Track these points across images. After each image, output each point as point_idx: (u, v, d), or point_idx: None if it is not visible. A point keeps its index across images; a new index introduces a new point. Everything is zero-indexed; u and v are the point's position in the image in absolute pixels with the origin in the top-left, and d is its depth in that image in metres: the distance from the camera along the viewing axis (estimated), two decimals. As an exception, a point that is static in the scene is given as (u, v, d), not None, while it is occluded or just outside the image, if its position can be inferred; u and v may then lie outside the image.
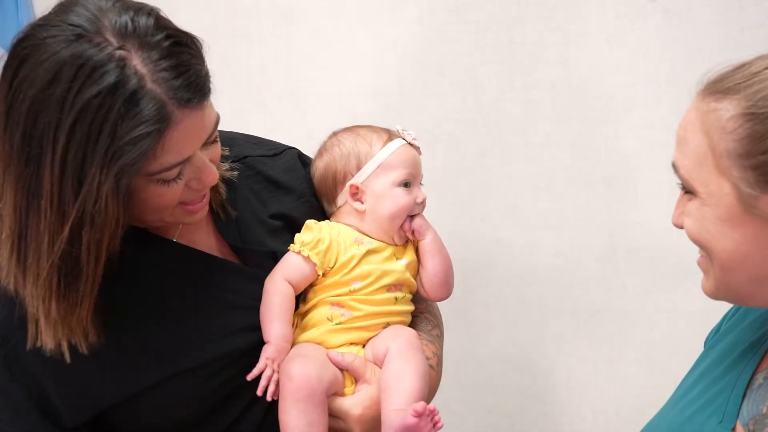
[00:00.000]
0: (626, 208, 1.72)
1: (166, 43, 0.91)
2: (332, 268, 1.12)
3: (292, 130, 1.26)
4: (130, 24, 0.90)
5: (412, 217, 1.17)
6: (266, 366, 1.05)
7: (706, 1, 1.62)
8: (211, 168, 1.00)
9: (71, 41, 0.88)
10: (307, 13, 1.85)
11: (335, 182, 1.19)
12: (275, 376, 1.04)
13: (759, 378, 0.86)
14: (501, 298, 1.83)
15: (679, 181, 0.86)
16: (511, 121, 1.75)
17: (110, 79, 0.87)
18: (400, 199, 1.15)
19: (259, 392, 1.03)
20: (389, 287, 1.15)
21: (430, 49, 1.78)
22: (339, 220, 1.19)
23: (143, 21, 0.91)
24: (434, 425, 1.01)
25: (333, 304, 1.12)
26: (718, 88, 0.80)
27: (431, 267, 1.19)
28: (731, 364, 0.91)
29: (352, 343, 1.12)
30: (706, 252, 0.83)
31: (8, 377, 1.00)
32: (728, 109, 0.78)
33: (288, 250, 1.13)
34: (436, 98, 1.78)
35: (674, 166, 0.85)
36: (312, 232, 1.13)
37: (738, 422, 0.85)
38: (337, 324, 1.11)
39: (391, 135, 1.19)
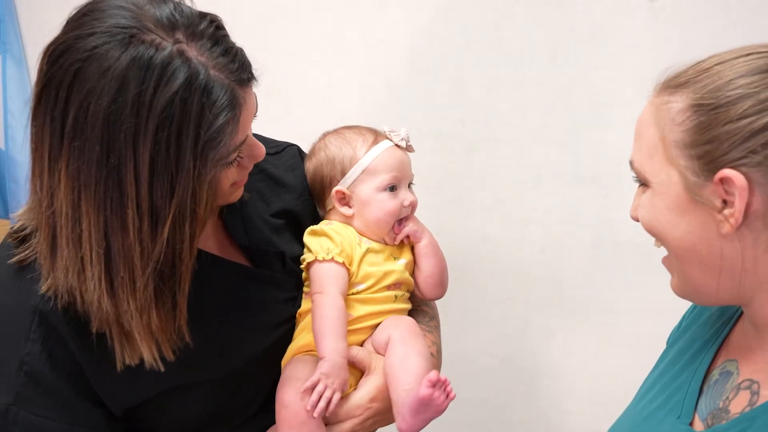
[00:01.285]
0: (612, 204, 1.73)
1: (211, 29, 0.91)
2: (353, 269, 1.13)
3: (279, 129, 1.26)
4: (172, 16, 0.89)
5: (401, 220, 1.17)
6: (319, 381, 1.02)
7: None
8: (259, 143, 1.01)
9: (126, 45, 0.86)
10: (296, 12, 1.85)
11: (323, 186, 1.19)
12: (327, 393, 1.02)
13: (715, 374, 0.88)
14: (488, 293, 1.85)
15: (635, 176, 0.87)
16: (498, 117, 1.76)
17: (181, 75, 0.86)
18: (386, 204, 1.15)
19: (308, 407, 1.01)
20: (390, 286, 1.15)
21: (417, 47, 1.78)
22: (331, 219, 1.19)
23: (184, 10, 0.91)
24: (447, 396, 1.02)
25: None
26: (672, 83, 0.83)
27: (427, 268, 1.19)
28: (688, 361, 0.93)
29: (349, 345, 1.12)
30: (660, 241, 0.84)
31: (55, 375, 0.97)
32: (679, 101, 0.80)
33: (308, 260, 1.12)
34: (424, 96, 1.79)
35: (631, 162, 0.87)
36: (328, 237, 1.13)
37: (696, 417, 0.87)
38: None
39: (377, 137, 1.18)
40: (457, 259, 1.89)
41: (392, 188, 1.16)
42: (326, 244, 1.12)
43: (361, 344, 1.14)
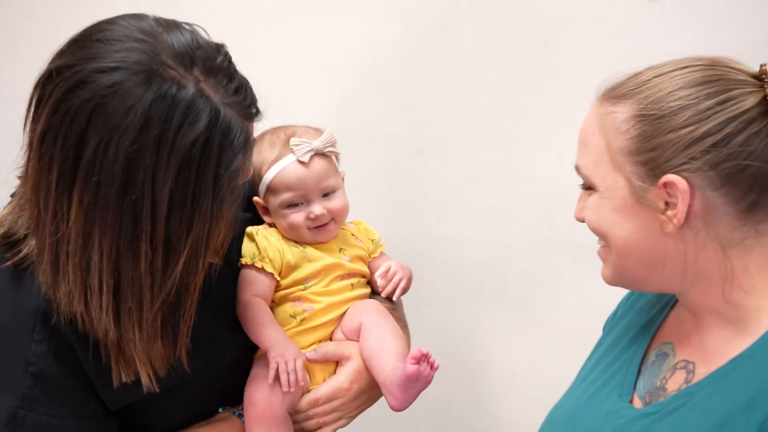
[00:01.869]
0: (555, 204, 1.80)
1: (225, 64, 0.93)
2: (282, 271, 1.17)
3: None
4: (189, 48, 0.90)
5: (321, 226, 1.18)
6: (277, 364, 1.08)
7: (629, 7, 1.70)
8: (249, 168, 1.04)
9: (148, 82, 0.87)
10: (249, 17, 1.87)
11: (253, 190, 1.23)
12: (289, 365, 1.08)
13: (651, 356, 0.96)
14: (436, 291, 1.90)
15: (581, 182, 0.94)
16: (446, 120, 1.81)
17: (204, 117, 0.88)
18: (290, 218, 1.17)
19: (284, 389, 1.08)
20: (342, 276, 1.20)
21: (367, 51, 1.83)
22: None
23: (199, 41, 0.92)
24: (431, 367, 1.09)
25: (294, 300, 1.17)
26: (613, 94, 0.89)
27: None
28: (626, 344, 1.00)
29: (320, 341, 1.17)
30: (605, 240, 0.91)
31: (61, 373, 0.99)
32: (622, 111, 0.87)
33: (241, 261, 1.17)
34: (374, 99, 1.83)
35: (576, 167, 0.94)
36: (255, 241, 1.17)
37: (635, 395, 0.94)
38: (302, 321, 1.16)
39: (282, 151, 1.18)
40: (405, 258, 1.94)
41: (294, 204, 1.18)
42: (252, 250, 1.16)
43: (330, 336, 1.18)
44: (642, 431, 0.88)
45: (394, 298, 1.23)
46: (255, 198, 1.19)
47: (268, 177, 1.17)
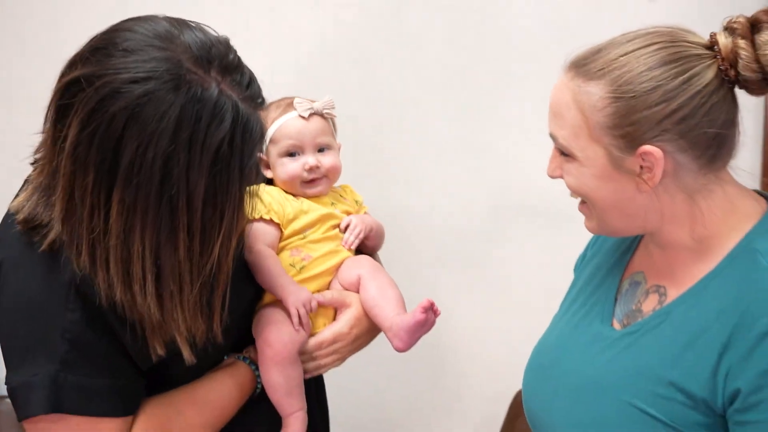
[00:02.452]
0: (510, 171, 1.93)
1: (236, 60, 1.01)
2: (284, 222, 1.28)
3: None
4: (204, 48, 0.98)
5: (311, 180, 1.30)
6: (296, 309, 1.20)
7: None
8: None
9: (176, 89, 0.94)
10: (211, 2, 1.91)
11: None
12: (303, 310, 1.21)
13: (625, 285, 1.11)
14: (402, 257, 2.00)
15: (557, 146, 1.06)
16: (405, 97, 1.92)
17: (228, 116, 0.95)
18: (287, 166, 1.30)
19: (304, 331, 1.21)
20: (335, 226, 1.32)
21: (326, 32, 1.91)
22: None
23: (212, 40, 0.99)
24: (435, 314, 1.23)
25: (292, 249, 1.28)
26: (583, 71, 1.00)
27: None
28: (600, 280, 1.15)
29: (318, 290, 1.28)
30: (587, 201, 1.04)
31: (95, 338, 1.05)
32: (596, 91, 0.98)
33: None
34: (335, 78, 1.92)
35: (552, 136, 1.05)
36: (260, 200, 1.26)
37: (614, 320, 1.10)
38: (300, 269, 1.27)
39: (286, 109, 1.32)
40: (372, 228, 2.04)
41: (292, 154, 1.30)
42: (257, 206, 1.26)
43: (328, 285, 1.30)
44: (627, 347, 1.03)
45: (352, 246, 1.34)
46: (258, 153, 1.29)
47: (271, 129, 1.30)
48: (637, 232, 1.06)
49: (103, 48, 0.97)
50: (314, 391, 1.38)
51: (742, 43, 0.96)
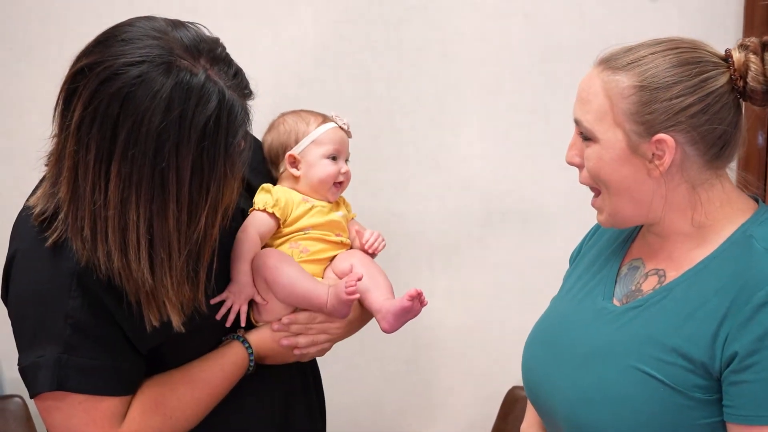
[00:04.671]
0: (499, 178, 2.03)
1: (224, 54, 1.13)
2: (287, 220, 1.38)
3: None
4: (195, 42, 1.09)
5: (338, 183, 1.44)
6: (227, 297, 1.28)
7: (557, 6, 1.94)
8: None
9: (167, 72, 1.05)
10: (210, 14, 1.97)
11: (278, 153, 1.45)
12: (235, 306, 1.28)
13: (624, 269, 1.22)
14: (396, 260, 2.08)
15: (580, 131, 1.16)
16: (400, 107, 2.02)
17: (214, 98, 1.07)
18: (327, 167, 1.42)
19: (218, 317, 1.27)
20: (338, 233, 1.43)
21: (325, 45, 2.01)
22: (282, 184, 1.44)
23: (201, 36, 1.11)
24: (421, 303, 1.33)
25: (291, 242, 1.38)
26: (613, 65, 1.12)
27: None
28: (601, 265, 1.26)
29: (312, 275, 1.38)
30: (603, 184, 1.15)
31: (96, 323, 1.14)
32: (624, 80, 1.10)
33: (251, 209, 1.36)
34: (333, 89, 2.01)
35: (577, 120, 1.16)
36: (270, 194, 1.38)
37: (614, 299, 1.20)
38: (299, 257, 1.37)
39: (325, 119, 1.46)
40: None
41: (333, 158, 1.44)
42: (266, 199, 1.38)
43: (322, 275, 1.40)
44: (632, 319, 1.13)
45: (376, 252, 1.47)
46: (291, 152, 1.42)
47: (315, 133, 1.43)
48: (643, 221, 1.17)
49: (104, 40, 1.09)
50: (313, 388, 1.46)
51: (753, 57, 1.09)
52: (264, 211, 1.36)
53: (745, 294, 1.03)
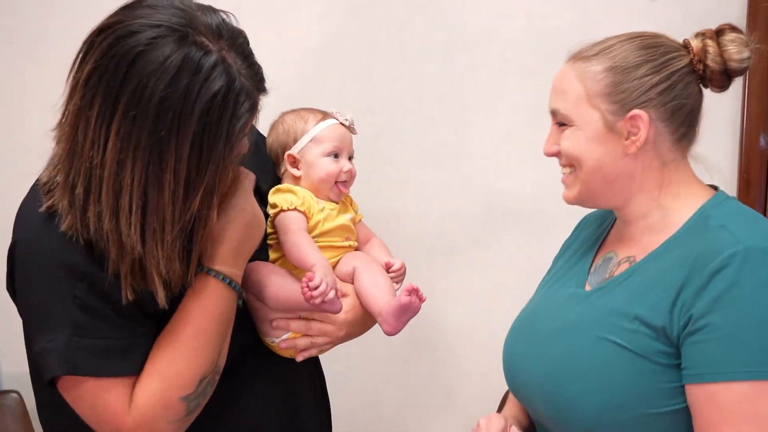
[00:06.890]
0: (500, 178, 2.03)
1: (245, 45, 1.13)
2: (309, 225, 1.36)
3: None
4: (220, 26, 1.10)
5: (342, 182, 1.41)
6: (321, 281, 1.23)
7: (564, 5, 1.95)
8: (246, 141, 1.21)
9: (181, 42, 1.05)
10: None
11: (277, 154, 1.44)
12: (328, 290, 1.23)
13: (598, 261, 1.29)
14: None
15: (558, 121, 1.21)
16: (402, 107, 2.03)
17: (223, 79, 1.07)
18: (328, 166, 1.40)
19: (313, 301, 1.23)
20: (347, 237, 1.42)
21: (329, 46, 2.02)
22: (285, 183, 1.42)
23: (227, 24, 1.11)
24: (419, 299, 1.30)
25: None
26: (584, 55, 1.20)
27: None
28: (576, 260, 1.34)
29: None
30: (577, 163, 1.20)
31: (102, 304, 1.13)
32: (596, 67, 1.18)
33: (277, 211, 1.34)
34: (335, 89, 2.02)
35: (553, 111, 1.22)
36: (293, 193, 1.37)
37: (587, 285, 1.27)
38: None
39: (325, 116, 1.44)
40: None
41: (335, 156, 1.41)
42: (290, 198, 1.36)
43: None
44: (600, 297, 1.20)
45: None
46: (289, 152, 1.40)
47: (315, 130, 1.40)
48: (611, 203, 1.22)
49: (131, 5, 1.10)
50: (318, 391, 1.46)
51: (710, 42, 1.18)
52: (295, 210, 1.34)
53: (700, 263, 1.08)
